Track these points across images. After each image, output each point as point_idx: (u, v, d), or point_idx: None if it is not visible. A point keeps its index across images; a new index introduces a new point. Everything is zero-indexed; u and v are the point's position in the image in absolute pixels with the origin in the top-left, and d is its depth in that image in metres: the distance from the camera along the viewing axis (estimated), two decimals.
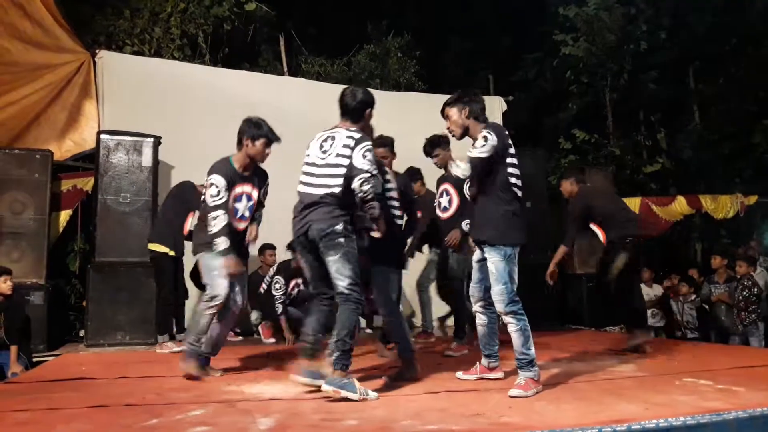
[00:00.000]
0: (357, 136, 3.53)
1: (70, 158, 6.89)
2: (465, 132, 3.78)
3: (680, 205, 8.95)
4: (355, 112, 3.63)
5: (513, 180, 3.65)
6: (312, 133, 3.79)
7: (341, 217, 3.44)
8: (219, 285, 4.03)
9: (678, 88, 11.93)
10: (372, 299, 4.35)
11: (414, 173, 5.71)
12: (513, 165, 3.65)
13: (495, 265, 3.60)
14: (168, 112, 6.88)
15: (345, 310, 3.40)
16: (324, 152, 3.55)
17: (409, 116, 7.40)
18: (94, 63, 6.89)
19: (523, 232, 3.70)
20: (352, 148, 3.46)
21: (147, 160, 6.27)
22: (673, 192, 10.40)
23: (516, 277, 3.62)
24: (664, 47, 11.40)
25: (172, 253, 5.62)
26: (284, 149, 4.34)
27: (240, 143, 4.11)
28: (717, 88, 11.69)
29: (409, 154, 5.10)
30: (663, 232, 9.27)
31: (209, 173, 4.02)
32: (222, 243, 3.93)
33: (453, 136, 3.90)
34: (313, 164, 3.58)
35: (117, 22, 8.75)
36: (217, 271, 4.02)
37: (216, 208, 3.94)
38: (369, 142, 3.55)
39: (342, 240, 3.41)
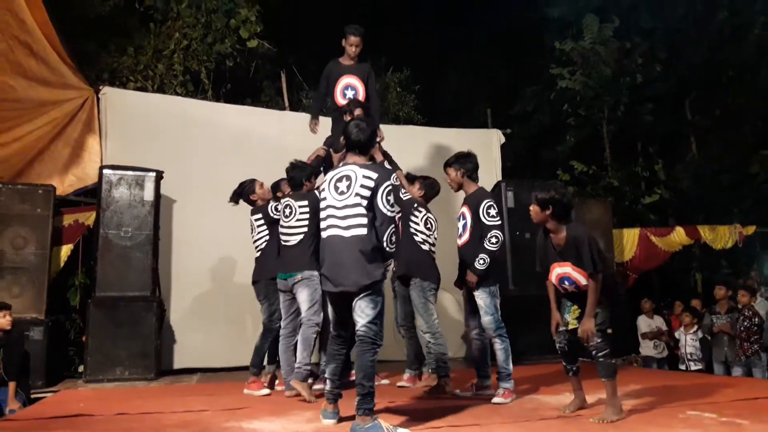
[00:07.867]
0: (374, 175, 3.46)
1: (73, 193, 6.91)
2: (460, 187, 4.58)
3: (679, 235, 8.96)
4: (365, 145, 3.64)
5: (493, 233, 4.32)
6: None
7: (368, 262, 3.40)
8: None
9: (675, 119, 12.05)
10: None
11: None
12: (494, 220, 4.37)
13: (483, 300, 4.38)
14: (170, 146, 6.92)
15: (360, 352, 3.37)
16: (341, 194, 3.51)
17: (408, 149, 7.44)
18: (98, 99, 6.94)
19: (501, 273, 4.60)
20: (373, 190, 3.43)
21: (149, 194, 6.29)
22: (671, 223, 10.42)
23: (499, 307, 4.41)
24: (660, 79, 11.56)
25: None
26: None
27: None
28: (714, 119, 11.80)
29: None
30: (662, 263, 9.27)
31: None
32: None
33: (452, 188, 4.66)
34: (332, 206, 3.54)
35: (121, 59, 8.90)
36: None
37: None
38: (388, 182, 3.48)
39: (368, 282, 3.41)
